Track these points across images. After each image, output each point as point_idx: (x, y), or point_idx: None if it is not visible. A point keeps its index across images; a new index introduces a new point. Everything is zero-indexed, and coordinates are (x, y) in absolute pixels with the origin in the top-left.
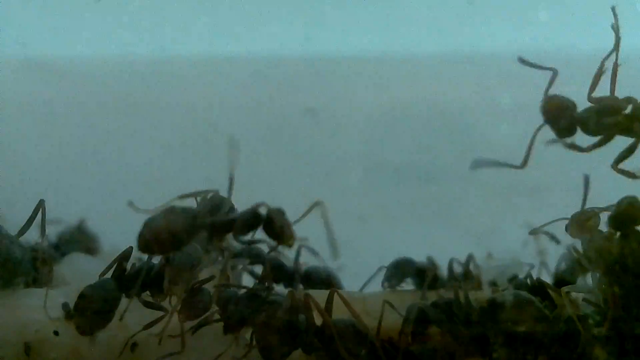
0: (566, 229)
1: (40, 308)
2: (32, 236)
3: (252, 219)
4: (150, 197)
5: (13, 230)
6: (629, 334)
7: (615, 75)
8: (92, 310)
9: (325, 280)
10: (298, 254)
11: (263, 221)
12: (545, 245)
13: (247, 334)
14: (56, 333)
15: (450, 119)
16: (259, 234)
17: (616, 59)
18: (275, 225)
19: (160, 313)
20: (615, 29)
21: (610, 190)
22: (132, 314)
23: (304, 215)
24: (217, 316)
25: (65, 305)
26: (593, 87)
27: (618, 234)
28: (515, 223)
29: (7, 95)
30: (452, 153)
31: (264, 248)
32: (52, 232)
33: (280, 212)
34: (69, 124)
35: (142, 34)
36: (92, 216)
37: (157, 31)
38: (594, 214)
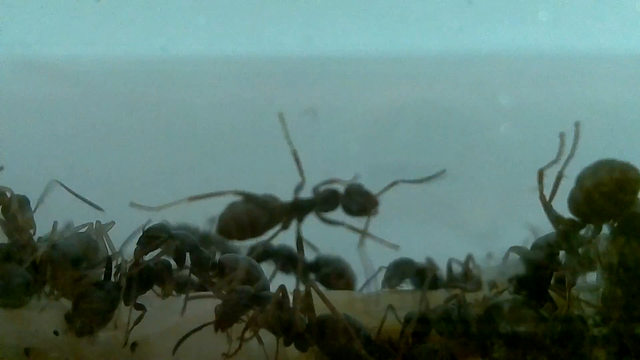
0: None
1: (40, 308)
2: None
3: (331, 197)
4: (151, 197)
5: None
6: (629, 334)
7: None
8: (91, 311)
9: (338, 272)
10: (300, 242)
11: (341, 197)
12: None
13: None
14: (56, 333)
15: (450, 119)
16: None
17: (561, 170)
18: (356, 199)
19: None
20: (561, 146)
21: None
22: (132, 314)
23: (382, 192)
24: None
25: (67, 314)
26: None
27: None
28: (515, 223)
29: (7, 95)
30: (452, 153)
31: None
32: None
33: (358, 185)
34: (69, 124)
35: (142, 34)
36: (92, 216)
37: (157, 31)
38: None
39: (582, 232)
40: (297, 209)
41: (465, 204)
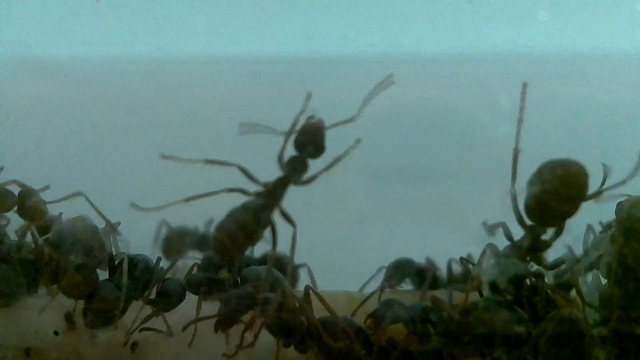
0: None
1: (40, 309)
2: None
3: (296, 161)
4: (151, 197)
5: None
6: (628, 334)
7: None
8: (103, 308)
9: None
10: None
11: (302, 154)
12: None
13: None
14: (56, 333)
15: (450, 119)
16: None
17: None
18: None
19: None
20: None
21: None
22: (132, 314)
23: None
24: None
25: (67, 315)
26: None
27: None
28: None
29: (7, 95)
30: (451, 153)
31: None
32: None
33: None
34: (69, 124)
35: (142, 34)
36: (92, 216)
37: (157, 31)
38: None
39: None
40: (276, 190)
41: (465, 204)
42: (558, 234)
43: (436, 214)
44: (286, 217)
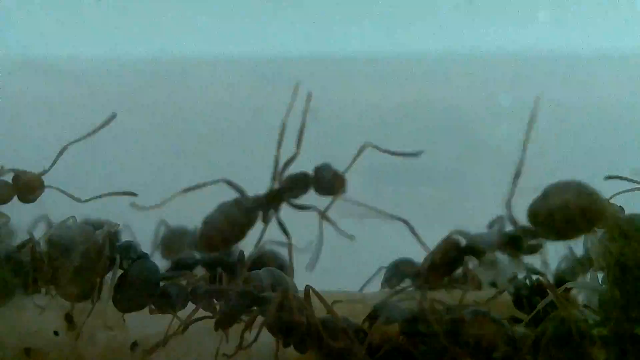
0: None
1: (40, 309)
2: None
3: (300, 180)
4: (151, 197)
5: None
6: (628, 334)
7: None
8: (134, 289)
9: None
10: (284, 228)
11: (312, 179)
12: (545, 245)
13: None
14: (56, 333)
15: (450, 119)
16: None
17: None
18: (326, 179)
19: None
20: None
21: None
22: (132, 313)
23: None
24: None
25: (67, 315)
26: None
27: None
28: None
29: (7, 95)
30: (451, 153)
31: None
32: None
33: (327, 165)
34: (69, 124)
35: (142, 34)
36: (92, 216)
37: (157, 31)
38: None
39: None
40: (272, 199)
41: (466, 204)
42: (541, 244)
43: (436, 214)
44: (282, 227)
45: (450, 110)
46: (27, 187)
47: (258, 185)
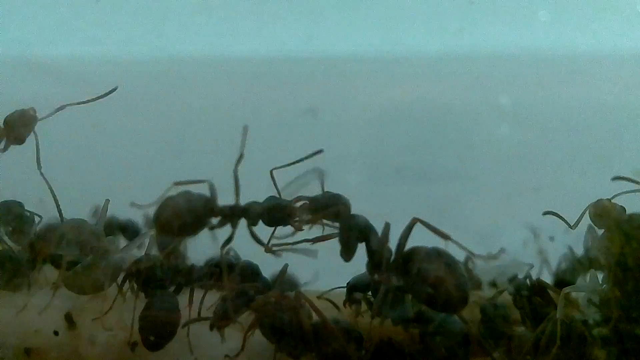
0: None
1: (40, 309)
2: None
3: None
4: (150, 197)
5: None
6: (629, 334)
7: None
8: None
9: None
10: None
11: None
12: (545, 245)
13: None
14: (56, 333)
15: (450, 119)
16: None
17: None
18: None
19: None
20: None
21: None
22: (131, 313)
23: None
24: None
25: (67, 315)
26: None
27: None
28: (515, 223)
29: (7, 95)
30: (451, 153)
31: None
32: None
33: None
34: (69, 124)
35: (142, 34)
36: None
37: (157, 31)
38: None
39: None
40: (231, 217)
41: (466, 204)
42: None
43: (436, 214)
44: (255, 238)
45: (450, 110)
46: (22, 120)
47: (258, 185)
